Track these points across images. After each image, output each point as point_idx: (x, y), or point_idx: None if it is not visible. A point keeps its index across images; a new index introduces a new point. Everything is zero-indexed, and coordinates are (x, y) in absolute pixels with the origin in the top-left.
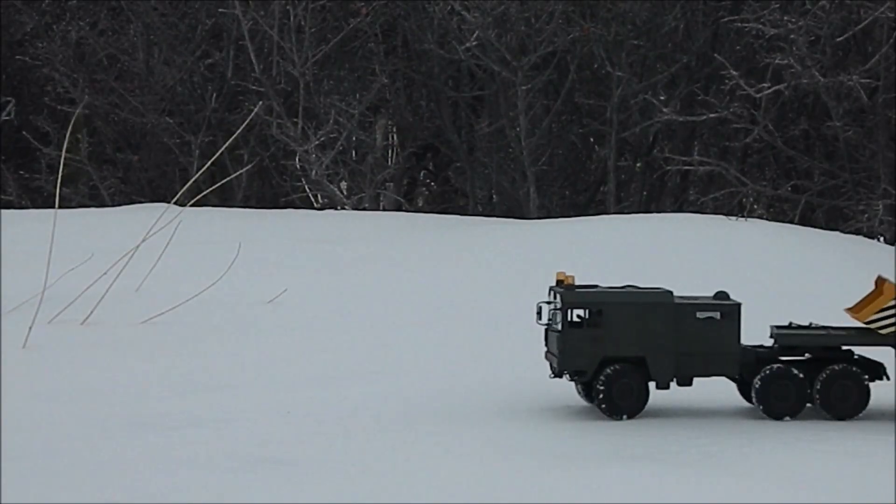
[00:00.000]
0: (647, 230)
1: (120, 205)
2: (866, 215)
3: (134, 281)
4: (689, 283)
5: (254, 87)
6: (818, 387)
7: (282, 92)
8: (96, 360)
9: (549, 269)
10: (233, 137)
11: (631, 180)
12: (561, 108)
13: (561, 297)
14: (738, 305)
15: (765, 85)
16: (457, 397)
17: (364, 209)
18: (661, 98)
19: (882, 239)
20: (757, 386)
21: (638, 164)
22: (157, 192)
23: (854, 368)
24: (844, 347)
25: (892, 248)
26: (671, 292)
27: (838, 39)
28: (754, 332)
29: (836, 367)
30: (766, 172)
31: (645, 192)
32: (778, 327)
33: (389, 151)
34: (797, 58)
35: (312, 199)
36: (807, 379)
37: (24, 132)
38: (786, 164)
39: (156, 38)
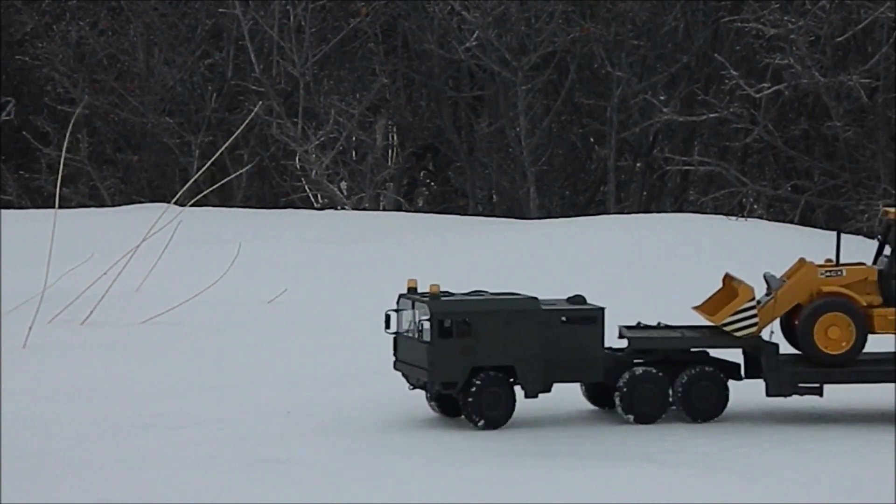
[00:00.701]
0: (647, 230)
1: (120, 205)
2: (866, 215)
3: (134, 281)
4: (690, 284)
5: (254, 87)
6: (679, 389)
7: (282, 92)
8: (96, 360)
9: (549, 269)
10: (233, 137)
11: (631, 180)
12: (561, 108)
13: (429, 307)
14: (602, 310)
15: (765, 85)
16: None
17: (364, 209)
18: (661, 98)
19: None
20: (621, 390)
21: (638, 164)
22: (157, 192)
23: (714, 370)
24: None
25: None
26: (537, 298)
27: (838, 39)
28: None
29: (697, 369)
30: (766, 172)
31: (645, 192)
32: (628, 328)
33: (389, 151)
34: (797, 58)
35: (312, 199)
36: (668, 381)
37: (24, 132)
38: (786, 164)
39: (156, 38)
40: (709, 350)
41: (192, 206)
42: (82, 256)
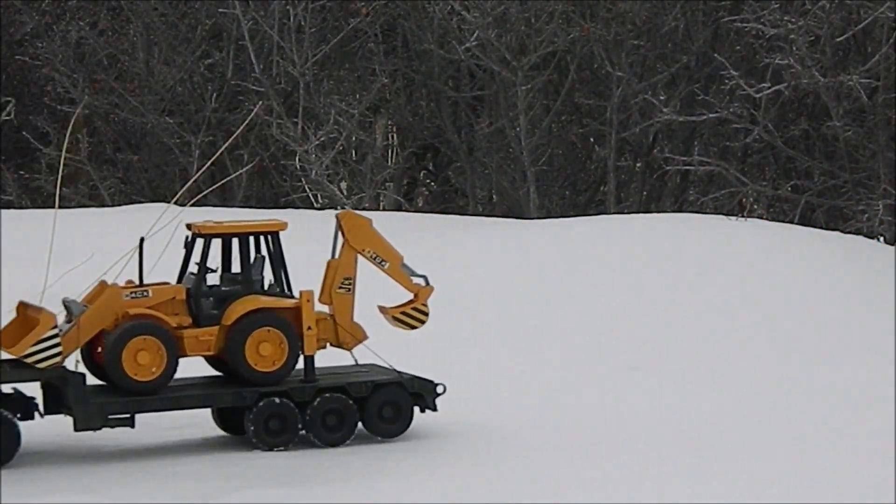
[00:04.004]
0: (647, 230)
1: (120, 205)
2: (866, 215)
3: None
4: (690, 284)
5: (254, 87)
6: None
7: (282, 92)
8: None
9: (549, 269)
10: (233, 137)
11: (631, 180)
12: (561, 108)
13: None
14: None
15: (765, 85)
16: (455, 397)
17: (364, 209)
18: (661, 98)
19: (882, 239)
20: None
21: (638, 164)
22: (157, 192)
23: None
24: None
25: (892, 248)
26: None
27: (838, 39)
28: (761, 337)
29: None
30: (766, 172)
31: (645, 192)
32: None
33: (389, 151)
34: (797, 58)
35: (312, 199)
36: None
37: (24, 132)
38: (786, 164)
39: (156, 38)
40: (12, 385)
41: (192, 206)
42: (82, 256)
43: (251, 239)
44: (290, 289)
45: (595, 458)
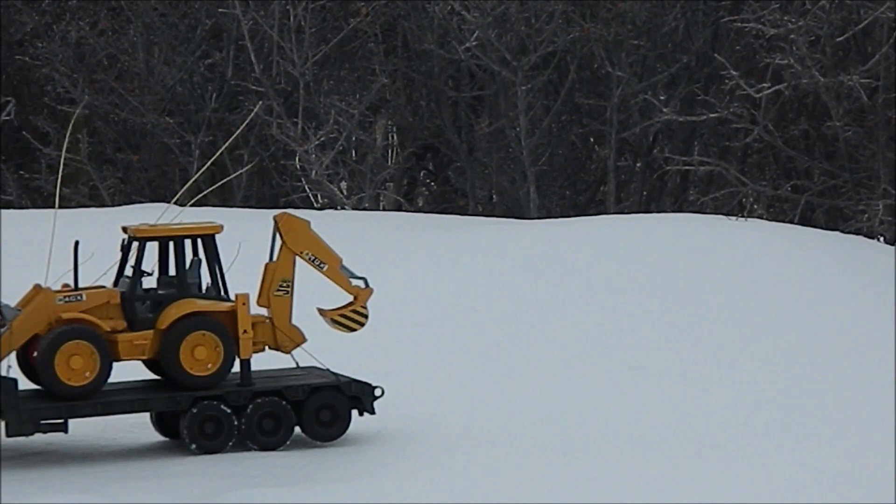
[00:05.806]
0: (647, 230)
1: (120, 205)
2: (866, 215)
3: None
4: (690, 284)
5: (254, 87)
6: None
7: (282, 92)
8: None
9: (548, 269)
10: (233, 137)
11: (631, 180)
12: (561, 108)
13: None
14: None
15: (765, 85)
16: (456, 397)
17: (364, 209)
18: (661, 98)
19: (882, 239)
20: None
21: (638, 164)
22: (157, 192)
23: None
24: None
25: (892, 248)
26: None
27: (838, 39)
28: (763, 334)
29: None
30: (766, 172)
31: (645, 192)
32: None
33: (389, 151)
34: (797, 58)
35: (312, 199)
36: None
37: (24, 132)
38: (786, 164)
39: (156, 38)
40: None
41: (192, 206)
42: (82, 256)
43: (186, 242)
44: (226, 292)
45: (594, 458)
